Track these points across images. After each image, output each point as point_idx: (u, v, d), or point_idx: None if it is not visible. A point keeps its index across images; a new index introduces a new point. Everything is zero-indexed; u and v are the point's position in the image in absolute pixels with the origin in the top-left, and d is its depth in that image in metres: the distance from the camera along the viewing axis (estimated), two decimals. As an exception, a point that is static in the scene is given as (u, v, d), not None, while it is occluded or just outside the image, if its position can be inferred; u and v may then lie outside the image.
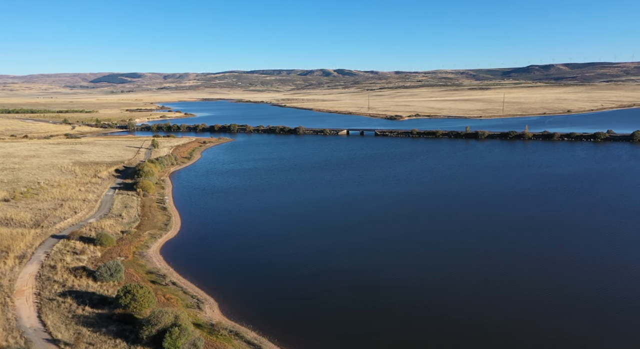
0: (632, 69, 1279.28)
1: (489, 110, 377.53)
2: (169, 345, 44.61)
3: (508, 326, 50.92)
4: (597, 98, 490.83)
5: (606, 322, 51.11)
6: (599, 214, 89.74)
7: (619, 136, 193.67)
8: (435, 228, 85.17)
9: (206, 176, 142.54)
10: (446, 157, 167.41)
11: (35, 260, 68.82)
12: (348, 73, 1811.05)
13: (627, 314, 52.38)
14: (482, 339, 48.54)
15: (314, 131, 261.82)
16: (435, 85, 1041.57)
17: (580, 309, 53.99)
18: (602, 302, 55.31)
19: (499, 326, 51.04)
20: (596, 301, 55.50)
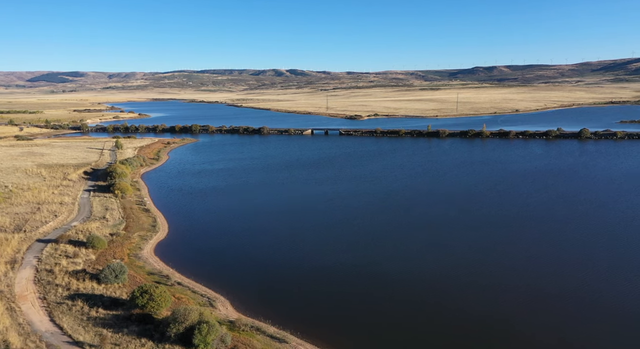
0: (567, 71, 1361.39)
1: (444, 109, 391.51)
2: (199, 341, 45.11)
3: (492, 317, 54.87)
4: (540, 98, 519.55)
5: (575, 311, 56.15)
6: (566, 205, 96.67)
7: (568, 133, 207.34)
8: (423, 221, 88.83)
9: (179, 177, 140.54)
10: (414, 155, 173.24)
11: (27, 265, 66.50)
12: (301, 73, 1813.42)
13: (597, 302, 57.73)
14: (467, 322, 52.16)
15: (278, 130, 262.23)
16: (387, 85, 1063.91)
17: (555, 296, 58.89)
18: (580, 290, 60.54)
19: (482, 315, 54.91)
20: (577, 289, 60.67)
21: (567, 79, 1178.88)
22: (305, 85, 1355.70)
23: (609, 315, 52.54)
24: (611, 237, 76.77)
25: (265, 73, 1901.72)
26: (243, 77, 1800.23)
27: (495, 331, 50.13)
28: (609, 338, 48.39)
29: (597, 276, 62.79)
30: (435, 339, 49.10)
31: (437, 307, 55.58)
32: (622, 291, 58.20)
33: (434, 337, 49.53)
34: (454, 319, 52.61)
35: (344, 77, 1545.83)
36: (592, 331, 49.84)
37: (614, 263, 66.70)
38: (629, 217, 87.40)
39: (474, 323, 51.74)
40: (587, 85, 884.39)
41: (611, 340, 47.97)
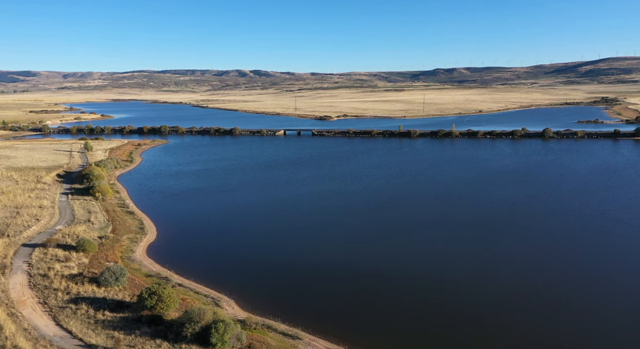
0: (522, 74, 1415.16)
1: (411, 110, 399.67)
2: (216, 340, 45.41)
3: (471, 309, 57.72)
4: (500, 99, 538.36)
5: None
6: (541, 200, 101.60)
7: (533, 133, 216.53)
8: (413, 219, 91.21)
9: (157, 179, 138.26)
10: (390, 155, 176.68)
11: (18, 270, 64.49)
12: (265, 74, 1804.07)
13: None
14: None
15: (250, 131, 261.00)
16: (352, 86, 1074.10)
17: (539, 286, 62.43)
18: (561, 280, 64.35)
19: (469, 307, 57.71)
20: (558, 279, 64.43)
21: (523, 80, 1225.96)
22: (270, 86, 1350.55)
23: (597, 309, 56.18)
24: (585, 229, 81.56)
25: (228, 74, 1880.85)
26: (206, 78, 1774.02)
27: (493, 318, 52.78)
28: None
29: (581, 265, 66.74)
30: (434, 329, 51.17)
31: (429, 300, 57.76)
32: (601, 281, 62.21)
33: (431, 327, 51.61)
34: (451, 312, 54.91)
35: (309, 78, 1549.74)
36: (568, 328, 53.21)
37: (590, 250, 71.06)
38: (602, 210, 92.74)
39: (474, 317, 54.18)
40: (541, 87, 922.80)
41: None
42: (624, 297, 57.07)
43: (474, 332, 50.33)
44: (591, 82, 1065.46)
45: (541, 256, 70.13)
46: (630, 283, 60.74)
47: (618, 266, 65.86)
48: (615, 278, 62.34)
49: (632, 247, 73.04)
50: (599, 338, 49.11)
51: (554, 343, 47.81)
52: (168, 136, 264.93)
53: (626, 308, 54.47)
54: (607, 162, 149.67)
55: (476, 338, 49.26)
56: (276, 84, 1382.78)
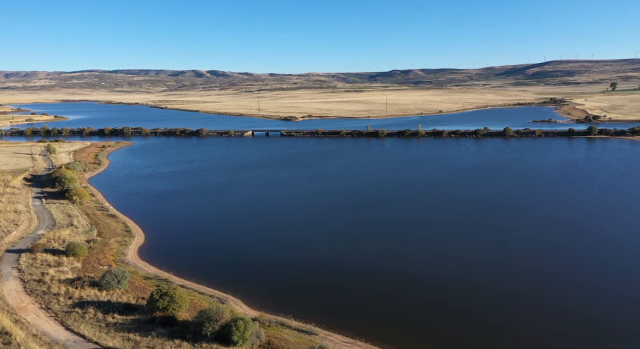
0: (475, 75, 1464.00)
1: (374, 111, 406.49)
2: (237, 338, 45.79)
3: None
4: (457, 100, 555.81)
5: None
6: (516, 195, 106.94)
7: (494, 132, 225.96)
8: (399, 216, 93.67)
9: (131, 181, 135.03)
10: (362, 154, 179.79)
11: (8, 276, 62.18)
12: (222, 74, 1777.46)
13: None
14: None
15: (217, 132, 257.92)
16: (311, 87, 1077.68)
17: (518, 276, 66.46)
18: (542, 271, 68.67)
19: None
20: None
21: (475, 82, 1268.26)
22: (228, 86, 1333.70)
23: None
24: (560, 221, 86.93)
25: (184, 74, 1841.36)
26: (161, 78, 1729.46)
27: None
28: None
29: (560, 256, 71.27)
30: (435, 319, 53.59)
31: (423, 295, 60.30)
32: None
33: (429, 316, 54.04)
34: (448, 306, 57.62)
35: (267, 79, 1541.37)
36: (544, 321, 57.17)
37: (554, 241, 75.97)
38: (572, 203, 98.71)
39: (472, 308, 57.06)
40: (493, 88, 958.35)
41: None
42: (605, 284, 61.59)
43: (481, 323, 53.06)
44: (538, 84, 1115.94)
45: (523, 248, 74.20)
46: (610, 271, 65.45)
47: (596, 255, 70.68)
48: (596, 266, 67.00)
49: (606, 236, 78.42)
50: (586, 328, 52.95)
51: (542, 333, 51.19)
52: (131, 137, 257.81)
53: (607, 294, 58.90)
54: (567, 159, 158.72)
55: (484, 329, 51.98)
56: (234, 85, 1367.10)
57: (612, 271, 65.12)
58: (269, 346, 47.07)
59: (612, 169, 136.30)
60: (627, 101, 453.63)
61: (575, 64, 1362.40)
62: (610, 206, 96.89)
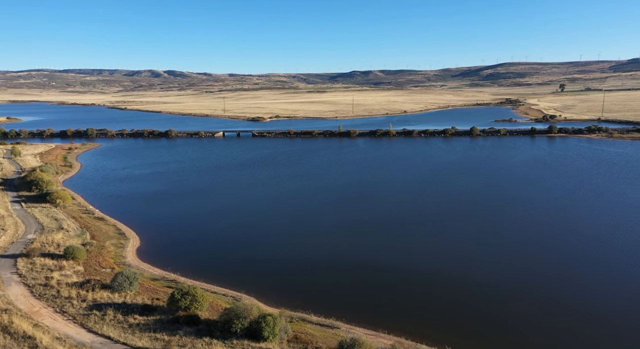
0: (432, 76, 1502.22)
1: (340, 111, 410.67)
2: (268, 334, 46.54)
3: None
4: (419, 101, 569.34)
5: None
6: (495, 191, 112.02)
7: (462, 131, 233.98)
8: (390, 213, 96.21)
9: (110, 183, 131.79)
10: (339, 154, 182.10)
11: (11, 282, 60.22)
12: (180, 75, 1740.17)
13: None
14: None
15: (187, 133, 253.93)
16: (273, 88, 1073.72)
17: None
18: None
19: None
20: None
21: (433, 83, 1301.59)
22: (187, 87, 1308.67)
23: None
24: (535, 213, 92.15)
25: (140, 74, 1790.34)
26: (116, 78, 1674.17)
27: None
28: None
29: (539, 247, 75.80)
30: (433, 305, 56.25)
31: (419, 288, 63.05)
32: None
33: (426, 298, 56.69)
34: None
35: (227, 79, 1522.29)
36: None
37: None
38: (549, 197, 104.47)
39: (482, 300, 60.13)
40: (450, 89, 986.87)
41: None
42: (590, 272, 66.25)
43: (492, 312, 56.04)
44: (492, 85, 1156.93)
45: (509, 239, 78.38)
46: (592, 259, 70.31)
47: (577, 244, 75.61)
48: (578, 255, 71.78)
49: (585, 228, 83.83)
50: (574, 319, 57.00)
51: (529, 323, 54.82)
52: (96, 139, 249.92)
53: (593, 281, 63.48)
54: (534, 156, 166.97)
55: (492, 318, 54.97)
56: (194, 85, 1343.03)
57: (594, 260, 69.90)
58: (297, 341, 48.07)
59: (577, 166, 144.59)
60: (577, 102, 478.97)
61: (526, 66, 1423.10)
62: (583, 199, 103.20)
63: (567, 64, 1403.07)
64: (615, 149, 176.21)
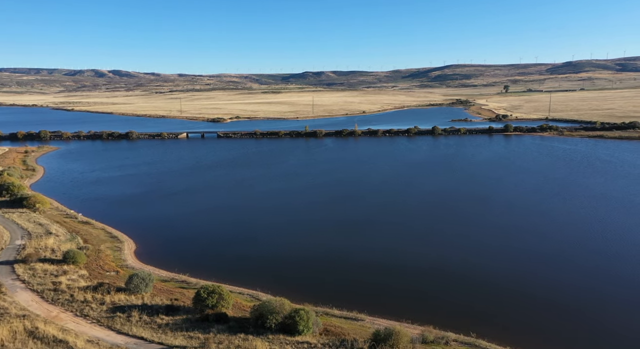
0: (383, 78, 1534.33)
1: (300, 111, 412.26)
2: (303, 327, 47.64)
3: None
4: (374, 101, 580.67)
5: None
6: (471, 186, 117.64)
7: (424, 130, 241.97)
8: (375, 210, 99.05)
9: (81, 187, 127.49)
10: (310, 154, 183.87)
11: (16, 288, 57.95)
12: (126, 74, 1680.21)
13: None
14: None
15: (149, 135, 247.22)
16: (226, 88, 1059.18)
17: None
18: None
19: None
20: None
21: (384, 84, 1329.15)
22: (135, 87, 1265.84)
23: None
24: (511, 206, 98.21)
25: (83, 73, 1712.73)
26: (56, 78, 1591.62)
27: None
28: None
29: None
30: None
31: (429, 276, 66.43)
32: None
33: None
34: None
35: (177, 80, 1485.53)
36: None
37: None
38: (519, 193, 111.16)
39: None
40: (402, 90, 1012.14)
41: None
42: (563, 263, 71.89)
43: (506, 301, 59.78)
44: (441, 86, 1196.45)
45: (490, 233, 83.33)
46: (567, 248, 76.19)
47: (554, 236, 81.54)
48: (554, 246, 77.53)
49: (561, 217, 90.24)
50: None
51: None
52: (50, 141, 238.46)
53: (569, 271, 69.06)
54: (497, 153, 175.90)
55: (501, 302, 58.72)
56: (142, 85, 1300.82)
57: (579, 246, 75.72)
58: (329, 333, 49.42)
59: (539, 162, 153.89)
60: (523, 102, 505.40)
61: (471, 68, 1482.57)
62: (553, 193, 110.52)
63: (508, 66, 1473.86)
64: (568, 146, 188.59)
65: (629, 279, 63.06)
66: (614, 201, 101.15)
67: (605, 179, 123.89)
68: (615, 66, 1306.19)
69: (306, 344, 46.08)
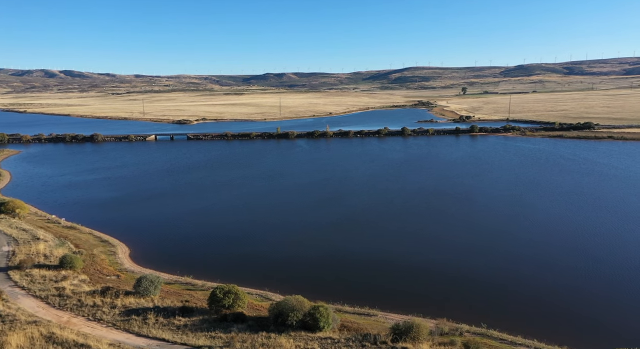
0: (344, 79, 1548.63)
1: (267, 113, 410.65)
2: (323, 323, 48.65)
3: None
4: (339, 103, 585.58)
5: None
6: (451, 186, 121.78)
7: (394, 131, 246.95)
8: (365, 208, 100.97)
9: (54, 191, 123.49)
10: (286, 155, 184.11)
11: (17, 295, 56.28)
12: (79, 75, 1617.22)
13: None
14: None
15: (115, 137, 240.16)
16: (187, 90, 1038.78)
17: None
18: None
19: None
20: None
21: (346, 85, 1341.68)
22: (89, 88, 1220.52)
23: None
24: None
25: (32, 73, 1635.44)
26: (2, 78, 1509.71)
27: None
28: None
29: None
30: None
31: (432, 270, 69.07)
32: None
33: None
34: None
35: (134, 81, 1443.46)
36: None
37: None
38: (500, 189, 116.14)
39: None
40: (363, 92, 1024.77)
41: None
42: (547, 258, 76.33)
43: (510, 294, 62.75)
44: (401, 88, 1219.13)
45: (484, 231, 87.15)
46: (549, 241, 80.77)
47: (534, 229, 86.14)
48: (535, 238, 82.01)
49: (541, 213, 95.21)
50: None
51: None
52: (8, 145, 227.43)
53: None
54: (467, 153, 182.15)
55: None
56: (97, 86, 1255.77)
57: (561, 240, 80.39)
58: (346, 329, 50.59)
59: (508, 161, 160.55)
60: (482, 104, 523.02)
61: (429, 70, 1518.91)
62: (527, 189, 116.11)
63: (465, 69, 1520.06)
64: (532, 146, 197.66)
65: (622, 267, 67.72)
66: (586, 197, 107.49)
67: (573, 176, 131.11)
68: (563, 70, 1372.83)
69: (330, 339, 47.11)
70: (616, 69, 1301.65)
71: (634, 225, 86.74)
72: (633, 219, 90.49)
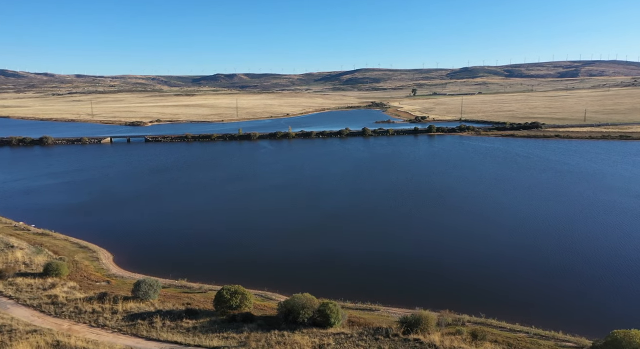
0: (296, 80, 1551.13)
1: (223, 114, 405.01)
2: (334, 319, 49.50)
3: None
4: (294, 104, 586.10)
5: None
6: (425, 183, 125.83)
7: (355, 131, 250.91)
8: (344, 207, 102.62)
9: (13, 197, 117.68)
10: (253, 156, 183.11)
11: (6, 305, 53.44)
12: (13, 74, 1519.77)
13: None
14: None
15: (67, 140, 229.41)
16: (134, 90, 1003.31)
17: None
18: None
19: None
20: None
21: (298, 87, 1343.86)
22: (26, 88, 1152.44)
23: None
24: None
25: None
26: None
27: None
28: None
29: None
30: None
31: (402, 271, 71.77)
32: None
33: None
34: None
35: (76, 81, 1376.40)
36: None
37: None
38: (468, 185, 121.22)
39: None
40: (316, 93, 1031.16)
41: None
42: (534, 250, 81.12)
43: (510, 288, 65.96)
44: (352, 89, 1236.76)
45: (468, 223, 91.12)
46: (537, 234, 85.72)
47: (515, 221, 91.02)
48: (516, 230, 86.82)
49: (507, 206, 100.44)
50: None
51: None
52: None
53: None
54: (430, 152, 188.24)
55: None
56: (35, 87, 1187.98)
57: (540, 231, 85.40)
58: (355, 324, 51.60)
59: (470, 159, 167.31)
60: (433, 104, 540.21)
61: (379, 72, 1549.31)
62: (493, 185, 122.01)
63: (413, 71, 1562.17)
64: (488, 144, 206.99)
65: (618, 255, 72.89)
66: (548, 191, 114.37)
67: (532, 173, 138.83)
68: (504, 72, 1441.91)
69: (343, 334, 48.04)
70: (551, 72, 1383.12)
71: (600, 215, 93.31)
72: (597, 210, 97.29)
